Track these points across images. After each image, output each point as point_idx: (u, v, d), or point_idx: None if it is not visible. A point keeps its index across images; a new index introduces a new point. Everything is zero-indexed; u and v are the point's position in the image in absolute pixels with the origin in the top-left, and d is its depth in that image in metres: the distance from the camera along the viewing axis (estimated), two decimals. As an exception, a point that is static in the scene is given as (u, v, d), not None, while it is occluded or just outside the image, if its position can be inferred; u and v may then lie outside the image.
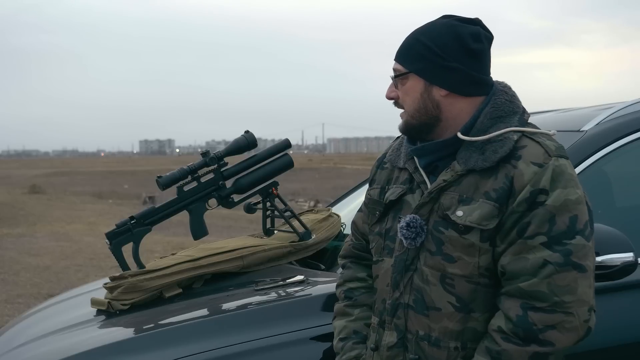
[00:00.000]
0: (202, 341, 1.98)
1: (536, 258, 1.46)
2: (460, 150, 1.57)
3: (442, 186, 1.57)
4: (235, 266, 2.56)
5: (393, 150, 1.77)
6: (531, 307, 1.45)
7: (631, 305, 2.08)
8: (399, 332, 1.61)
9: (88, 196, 26.12)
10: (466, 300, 1.54)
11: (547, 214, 1.46)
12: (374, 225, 1.74)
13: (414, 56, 1.59)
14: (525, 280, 1.46)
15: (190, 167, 2.56)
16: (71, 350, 2.06)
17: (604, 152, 2.19)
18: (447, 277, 1.55)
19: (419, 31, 1.62)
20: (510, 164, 1.50)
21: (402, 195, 1.66)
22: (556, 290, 1.44)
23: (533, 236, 1.47)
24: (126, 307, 2.37)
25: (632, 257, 1.88)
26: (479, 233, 1.51)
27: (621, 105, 2.31)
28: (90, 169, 59.80)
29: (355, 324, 1.77)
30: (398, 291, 1.61)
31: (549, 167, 1.48)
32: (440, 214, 1.57)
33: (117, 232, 2.52)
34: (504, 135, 1.53)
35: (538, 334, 1.45)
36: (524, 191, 1.47)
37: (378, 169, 1.81)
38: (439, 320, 1.56)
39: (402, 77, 1.61)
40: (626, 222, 2.27)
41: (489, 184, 1.51)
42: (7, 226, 13.38)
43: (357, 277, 1.84)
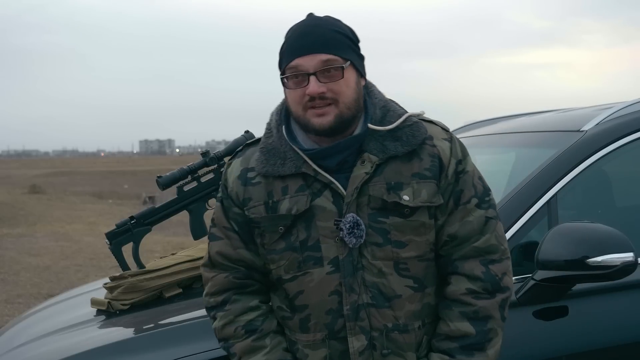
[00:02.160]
0: (202, 341, 1.98)
1: (477, 217, 1.61)
2: (367, 142, 1.58)
3: (366, 179, 1.56)
4: (235, 266, 2.57)
5: (261, 162, 1.63)
6: (489, 260, 1.60)
7: (631, 305, 2.08)
8: (365, 333, 1.57)
9: (88, 196, 26.12)
10: (421, 278, 1.60)
11: (470, 179, 1.62)
12: (276, 242, 1.61)
13: (347, 47, 1.57)
14: (478, 239, 1.60)
15: (190, 167, 2.56)
16: (71, 350, 2.06)
17: (604, 152, 2.19)
18: (400, 263, 1.58)
19: (329, 24, 1.57)
20: (427, 144, 1.60)
21: (310, 202, 1.57)
22: (500, 239, 1.63)
23: (469, 200, 1.61)
24: (126, 307, 2.37)
25: (632, 257, 1.88)
26: (426, 211, 1.58)
27: (621, 105, 2.32)
28: (90, 169, 59.82)
29: (274, 354, 1.63)
30: (355, 294, 1.56)
31: (453, 140, 1.64)
32: (374, 205, 1.56)
33: (117, 232, 2.52)
34: (410, 120, 1.61)
35: (500, 282, 1.60)
36: (451, 164, 1.60)
37: (246, 186, 1.64)
38: (402, 306, 1.58)
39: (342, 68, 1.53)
40: (626, 222, 2.28)
41: (415, 166, 1.58)
42: (7, 226, 13.39)
43: (250, 306, 1.67)
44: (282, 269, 1.62)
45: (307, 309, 1.61)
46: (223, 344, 1.69)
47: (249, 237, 1.67)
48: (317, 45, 1.54)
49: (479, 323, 1.57)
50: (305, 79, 1.54)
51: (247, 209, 1.64)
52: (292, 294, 1.62)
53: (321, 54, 1.53)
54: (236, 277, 1.68)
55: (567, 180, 2.14)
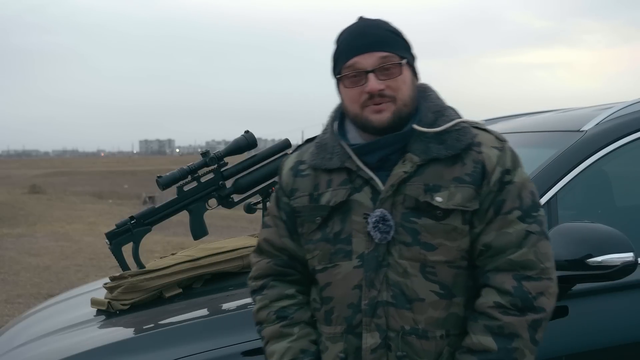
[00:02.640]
0: (202, 341, 1.98)
1: (518, 230, 1.54)
2: (412, 142, 1.59)
3: (404, 178, 1.56)
4: (235, 266, 2.57)
5: (313, 155, 1.69)
6: (523, 276, 1.52)
7: (631, 305, 2.08)
8: (381, 331, 1.55)
9: (88, 196, 26.13)
10: (449, 286, 1.55)
11: (516, 190, 1.56)
12: (313, 233, 1.65)
13: (400, 46, 1.60)
14: (514, 252, 1.53)
15: (190, 167, 2.56)
16: (71, 350, 2.07)
17: (604, 152, 2.19)
18: (427, 266, 1.54)
19: (384, 24, 1.62)
20: (474, 150, 1.58)
21: (348, 196, 1.61)
22: (541, 257, 1.54)
23: (510, 211, 1.55)
24: (126, 307, 2.37)
25: (632, 257, 1.88)
26: (460, 216, 1.54)
27: (621, 105, 2.31)
28: (90, 169, 59.82)
29: (299, 343, 1.66)
30: (375, 289, 1.56)
31: (506, 149, 1.60)
32: (408, 204, 1.56)
33: (117, 232, 2.52)
34: (459, 125, 1.60)
35: (533, 301, 1.51)
36: (495, 172, 1.56)
37: (295, 177, 1.71)
38: (424, 310, 1.54)
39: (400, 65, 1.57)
40: (626, 222, 2.28)
41: (456, 170, 1.56)
42: (7, 226, 13.39)
43: (286, 294, 1.71)
44: (315, 260, 1.66)
45: (332, 301, 1.63)
46: (257, 327, 1.74)
47: (295, 227, 1.71)
48: (375, 43, 1.58)
49: (503, 340, 1.50)
50: (363, 77, 1.57)
51: (292, 199, 1.70)
52: (322, 285, 1.66)
53: (379, 52, 1.57)
54: (277, 264, 1.74)
55: (567, 180, 2.14)
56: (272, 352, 1.68)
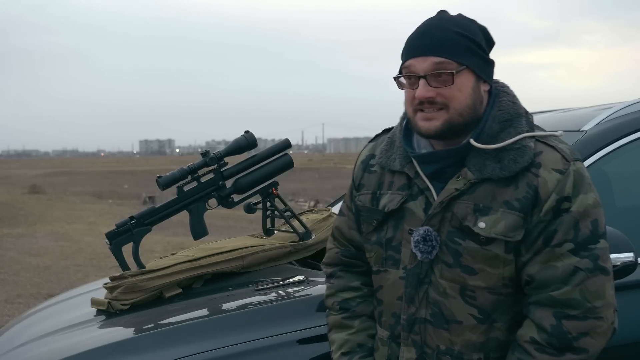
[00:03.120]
0: (202, 341, 1.98)
1: (565, 265, 1.43)
2: (470, 157, 1.50)
3: (454, 195, 1.49)
4: (235, 266, 2.56)
5: (382, 151, 1.65)
6: (565, 315, 1.43)
7: (631, 305, 2.07)
8: (417, 347, 1.54)
9: (88, 196, 26.12)
10: (489, 311, 1.49)
11: (572, 221, 1.44)
12: (370, 234, 1.65)
13: (466, 50, 1.48)
14: (558, 289, 1.43)
15: (190, 167, 2.56)
16: (71, 350, 2.06)
17: (604, 152, 2.19)
18: (467, 290, 1.49)
19: (452, 24, 1.50)
20: (531, 172, 1.46)
21: (403, 203, 1.57)
22: (588, 296, 1.43)
23: (561, 244, 1.44)
24: (126, 307, 2.37)
25: (632, 257, 1.88)
26: (503, 244, 1.46)
27: (621, 105, 2.31)
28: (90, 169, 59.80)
29: (357, 337, 1.67)
30: (414, 306, 1.54)
31: (569, 173, 1.46)
32: (455, 224, 1.49)
33: (117, 232, 2.52)
34: (520, 143, 1.48)
35: (573, 342, 1.42)
36: (550, 200, 1.44)
37: (365, 172, 1.69)
38: (461, 333, 1.50)
39: (456, 73, 1.46)
40: (626, 222, 2.27)
41: (508, 193, 1.46)
42: (7, 226, 13.38)
43: (351, 286, 1.72)
44: (372, 260, 1.66)
45: (381, 305, 1.64)
46: (326, 312, 1.78)
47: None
48: (431, 46, 1.47)
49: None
50: (416, 81, 1.48)
51: (358, 194, 1.70)
52: (376, 286, 1.66)
53: (433, 57, 1.47)
54: (344, 255, 1.76)
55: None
56: (333, 341, 1.72)
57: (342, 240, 1.77)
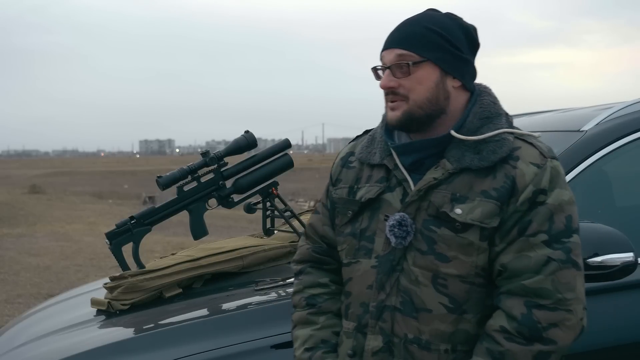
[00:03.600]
0: (202, 341, 1.98)
1: (538, 255, 1.45)
2: (449, 149, 1.54)
3: (432, 184, 1.52)
4: (235, 266, 2.57)
5: (362, 147, 1.69)
6: (535, 304, 1.44)
7: (631, 305, 2.07)
8: (384, 335, 1.54)
9: (88, 196, 26.13)
10: (460, 301, 1.50)
11: (547, 213, 1.47)
12: (344, 226, 1.66)
13: (430, 44, 1.54)
14: (529, 278, 1.45)
15: (190, 167, 2.56)
16: (71, 350, 2.06)
17: (604, 152, 2.19)
18: (439, 277, 1.50)
19: (426, 20, 1.57)
20: (509, 164, 1.50)
21: (380, 194, 1.59)
22: (559, 287, 1.45)
23: (535, 234, 1.47)
24: (126, 307, 2.37)
25: (632, 257, 1.88)
26: (478, 231, 1.48)
27: (621, 105, 2.31)
28: (90, 169, 59.80)
29: (322, 333, 1.66)
30: (384, 293, 1.54)
31: (547, 167, 1.50)
32: (431, 212, 1.52)
33: (117, 232, 2.52)
34: (499, 136, 1.53)
35: (542, 332, 1.43)
36: (526, 191, 1.47)
37: (343, 167, 1.72)
38: (430, 322, 1.50)
39: (415, 64, 1.52)
40: (626, 222, 2.27)
41: (486, 183, 1.49)
42: (7, 226, 13.38)
43: (319, 282, 1.72)
44: (343, 253, 1.66)
45: (350, 296, 1.63)
46: (292, 310, 1.77)
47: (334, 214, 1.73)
48: (397, 39, 1.56)
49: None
50: (384, 72, 1.58)
51: (334, 189, 1.72)
52: (345, 279, 1.66)
53: (397, 49, 1.55)
54: (315, 252, 1.75)
55: (567, 180, 2.13)
56: (296, 337, 1.70)
57: (315, 237, 1.77)
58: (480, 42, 1.62)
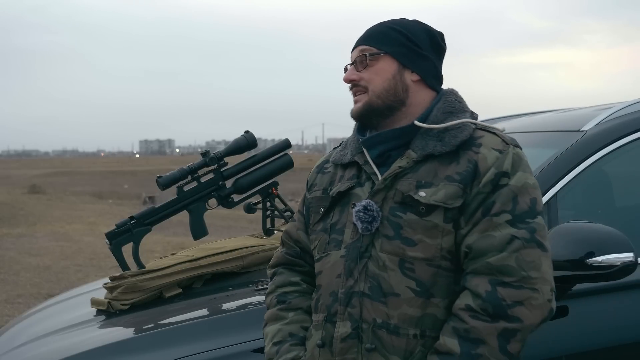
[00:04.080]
0: (202, 341, 1.98)
1: (503, 235, 1.48)
2: (414, 140, 1.60)
3: (397, 172, 1.57)
4: (235, 266, 2.57)
5: (336, 152, 1.76)
6: (500, 282, 1.46)
7: (631, 305, 2.08)
8: (353, 321, 1.55)
9: (88, 196, 26.13)
10: (426, 284, 1.52)
11: (510, 194, 1.51)
12: (317, 224, 1.71)
13: (389, 40, 1.64)
14: (494, 256, 1.47)
15: (190, 167, 2.56)
16: (71, 350, 2.07)
17: (604, 152, 2.19)
18: (406, 262, 1.53)
19: (390, 22, 1.68)
20: (472, 150, 1.56)
21: (350, 189, 1.64)
22: (523, 265, 1.46)
23: (498, 214, 1.50)
24: (126, 307, 2.37)
25: (632, 257, 1.87)
26: (442, 213, 1.52)
27: (621, 105, 2.31)
28: (90, 169, 59.81)
29: (290, 327, 1.69)
30: (352, 279, 1.56)
31: (509, 152, 1.55)
32: (397, 199, 1.56)
33: (117, 232, 2.52)
34: (462, 124, 1.59)
35: (507, 309, 1.45)
36: (488, 173, 1.52)
37: (318, 174, 1.78)
38: (398, 306, 1.52)
39: (373, 57, 1.62)
40: (626, 222, 2.27)
41: (450, 168, 1.55)
42: (7, 226, 13.39)
43: (290, 281, 1.76)
44: (315, 250, 1.70)
45: (320, 289, 1.66)
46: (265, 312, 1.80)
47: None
48: (362, 38, 1.68)
49: (468, 344, 1.45)
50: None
51: (309, 193, 1.78)
52: (316, 274, 1.69)
53: (360, 46, 1.66)
54: (289, 254, 1.81)
55: (567, 180, 2.13)
56: (266, 334, 1.73)
57: (289, 242, 1.82)
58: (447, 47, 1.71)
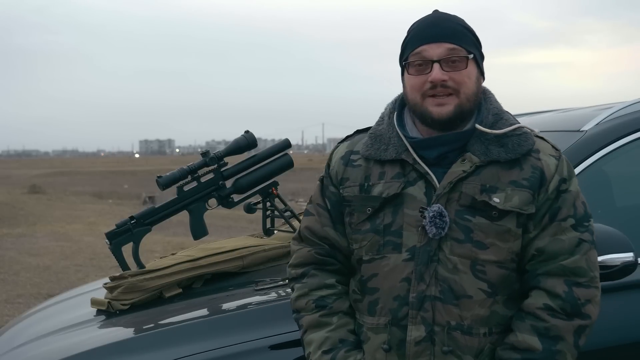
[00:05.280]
0: (202, 341, 1.98)
1: (570, 238, 1.57)
2: (472, 143, 1.61)
3: (462, 176, 1.58)
4: (235, 266, 2.57)
5: (367, 146, 1.69)
6: (574, 282, 1.55)
7: (631, 305, 2.08)
8: (426, 325, 1.56)
9: (88, 196, 26.12)
10: (496, 284, 1.57)
11: (571, 199, 1.60)
12: (362, 223, 1.66)
13: (471, 42, 1.62)
14: (567, 258, 1.56)
15: (190, 167, 2.56)
16: (71, 350, 2.06)
17: (604, 152, 2.19)
18: (478, 264, 1.56)
19: (457, 19, 1.63)
20: (532, 156, 1.60)
21: (402, 189, 1.62)
22: (591, 266, 1.58)
23: (565, 219, 1.58)
24: (126, 307, 2.37)
25: (632, 257, 1.88)
26: (515, 219, 1.57)
27: (621, 105, 2.31)
28: (90, 169, 59.79)
29: (338, 333, 1.66)
30: (424, 284, 1.57)
31: (562, 158, 1.63)
32: (464, 202, 1.57)
33: (117, 232, 2.52)
34: (520, 130, 1.62)
35: (581, 308, 1.55)
36: (554, 180, 1.59)
37: (347, 166, 1.71)
38: (471, 308, 1.56)
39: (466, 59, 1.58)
40: (626, 222, 2.27)
41: (513, 174, 1.58)
42: (7, 226, 13.38)
43: (326, 284, 1.71)
44: (363, 250, 1.66)
45: (377, 292, 1.63)
46: (295, 315, 1.75)
47: (339, 217, 1.72)
48: (445, 34, 1.59)
49: (548, 341, 1.53)
50: (428, 66, 1.57)
51: (342, 188, 1.71)
52: (367, 276, 1.65)
53: (447, 43, 1.58)
54: (318, 253, 1.74)
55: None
56: (311, 341, 1.68)
57: (314, 239, 1.75)
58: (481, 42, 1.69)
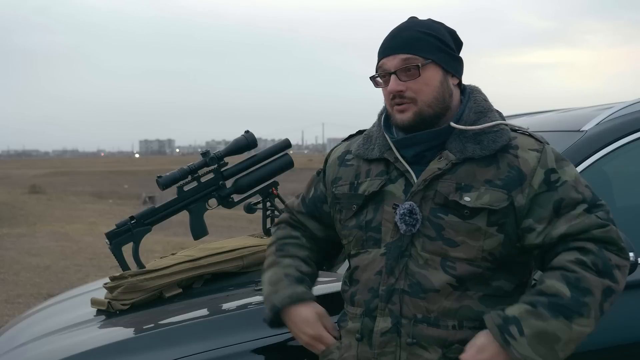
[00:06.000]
0: (202, 341, 1.98)
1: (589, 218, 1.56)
2: (450, 140, 1.64)
3: (437, 174, 1.61)
4: (235, 266, 2.57)
5: (359, 145, 1.78)
6: (605, 247, 1.55)
7: (631, 305, 2.07)
8: (393, 317, 1.61)
9: (88, 196, 26.12)
10: (465, 280, 1.59)
11: (570, 188, 1.58)
12: (349, 219, 1.74)
13: (429, 47, 1.64)
14: (596, 229, 1.55)
15: (190, 167, 2.56)
16: (71, 350, 2.06)
17: (604, 152, 2.19)
18: (448, 260, 1.59)
19: (418, 26, 1.67)
20: (510, 153, 1.60)
21: (382, 186, 1.68)
22: (618, 238, 1.57)
23: (574, 206, 1.57)
24: (126, 307, 2.37)
25: (632, 257, 1.87)
26: (486, 217, 1.57)
27: (621, 105, 2.31)
28: (90, 169, 59.78)
29: (286, 269, 1.79)
30: (393, 277, 1.62)
31: (546, 150, 1.61)
32: (438, 200, 1.60)
33: (117, 232, 2.52)
34: (497, 127, 1.63)
35: (612, 269, 1.53)
36: (537, 173, 1.57)
37: (341, 166, 1.81)
38: (438, 301, 1.58)
39: (421, 67, 1.62)
40: (626, 222, 2.27)
41: (489, 172, 1.59)
42: (7, 226, 13.38)
43: (291, 234, 1.89)
44: (350, 245, 1.75)
45: (357, 284, 1.70)
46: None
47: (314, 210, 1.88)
48: (398, 45, 1.65)
49: (577, 292, 1.50)
50: (388, 78, 1.65)
51: (335, 187, 1.80)
52: (352, 268, 1.74)
53: (401, 54, 1.64)
54: (293, 218, 1.93)
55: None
56: (264, 281, 1.83)
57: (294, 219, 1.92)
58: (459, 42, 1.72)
